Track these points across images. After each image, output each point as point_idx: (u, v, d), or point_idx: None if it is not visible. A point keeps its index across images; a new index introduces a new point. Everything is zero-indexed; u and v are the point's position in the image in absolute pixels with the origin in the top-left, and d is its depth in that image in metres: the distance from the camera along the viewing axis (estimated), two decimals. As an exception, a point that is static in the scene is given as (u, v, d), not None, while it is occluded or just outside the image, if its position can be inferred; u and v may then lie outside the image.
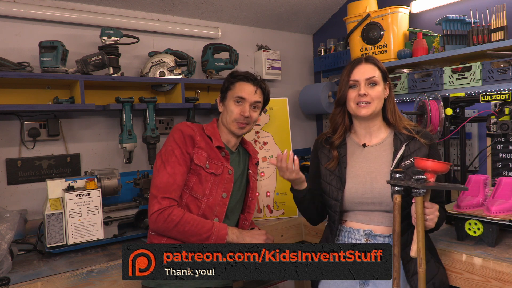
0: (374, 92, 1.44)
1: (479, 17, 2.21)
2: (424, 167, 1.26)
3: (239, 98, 1.59)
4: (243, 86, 1.60)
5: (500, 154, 1.91)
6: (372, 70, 1.46)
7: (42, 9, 2.11)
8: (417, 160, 1.29)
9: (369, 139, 1.52)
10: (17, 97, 2.03)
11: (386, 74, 1.50)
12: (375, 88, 1.45)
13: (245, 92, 1.59)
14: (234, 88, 1.61)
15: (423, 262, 1.23)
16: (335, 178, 1.48)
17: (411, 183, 1.22)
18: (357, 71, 1.46)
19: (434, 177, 1.27)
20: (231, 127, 1.60)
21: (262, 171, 2.28)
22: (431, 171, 1.26)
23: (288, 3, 2.83)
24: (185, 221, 1.43)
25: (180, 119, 2.63)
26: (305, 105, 3.13)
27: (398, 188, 1.26)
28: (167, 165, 1.49)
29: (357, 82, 1.46)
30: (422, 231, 1.23)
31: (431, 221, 1.29)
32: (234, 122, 1.59)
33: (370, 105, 1.44)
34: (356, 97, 1.45)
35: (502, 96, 1.69)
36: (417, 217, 1.24)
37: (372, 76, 1.45)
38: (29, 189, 2.11)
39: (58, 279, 1.50)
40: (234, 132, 1.61)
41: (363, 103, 1.44)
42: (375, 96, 1.44)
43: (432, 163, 1.26)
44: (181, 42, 2.63)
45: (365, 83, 1.45)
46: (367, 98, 1.43)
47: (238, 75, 1.62)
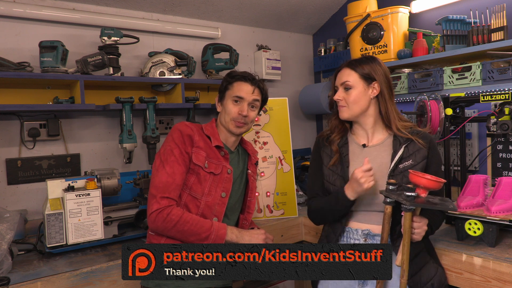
0: (349, 96, 1.48)
1: (479, 17, 2.21)
2: (417, 183, 1.28)
3: (237, 97, 1.59)
4: (241, 85, 1.60)
5: (500, 154, 1.91)
6: (347, 74, 1.49)
7: (42, 9, 2.11)
8: (411, 174, 1.30)
9: (369, 140, 1.52)
10: (17, 97, 2.03)
11: (371, 75, 1.47)
12: (349, 92, 1.48)
13: (243, 91, 1.59)
14: (232, 88, 1.61)
15: (406, 274, 1.27)
16: (339, 178, 1.49)
17: (401, 199, 1.24)
18: (338, 76, 1.54)
19: (426, 192, 1.29)
20: (229, 126, 1.60)
21: (262, 171, 2.28)
22: (423, 187, 1.27)
23: (288, 3, 2.83)
24: (184, 220, 1.43)
25: (180, 119, 2.63)
26: (305, 105, 3.13)
27: (389, 200, 1.29)
28: (166, 165, 1.49)
29: (336, 87, 1.53)
30: (407, 245, 1.27)
31: (418, 235, 1.33)
32: (232, 121, 1.59)
33: (346, 109, 1.49)
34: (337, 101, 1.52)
35: (502, 96, 1.69)
36: (404, 231, 1.27)
37: (345, 81, 1.49)
38: (29, 189, 2.11)
39: (58, 279, 1.50)
40: (232, 131, 1.61)
41: (342, 108, 1.50)
42: (350, 100, 1.47)
43: (425, 180, 1.26)
44: (181, 42, 2.63)
45: (342, 87, 1.51)
46: (341, 103, 1.50)
47: (236, 75, 1.63)
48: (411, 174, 1.30)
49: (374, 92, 1.48)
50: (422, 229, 1.33)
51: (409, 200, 1.22)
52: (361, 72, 1.48)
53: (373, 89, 1.48)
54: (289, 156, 2.32)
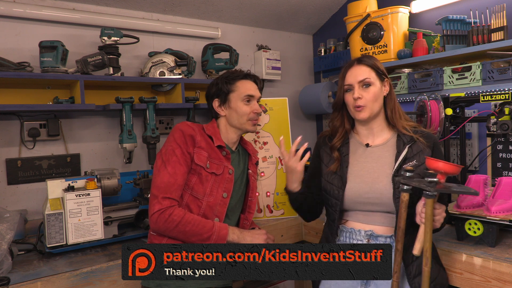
0: (369, 94, 1.43)
1: (479, 17, 2.21)
2: (436, 168, 1.24)
3: (248, 97, 1.60)
4: (246, 84, 1.62)
5: (500, 154, 1.91)
6: (364, 71, 1.44)
7: (42, 9, 2.11)
8: (428, 160, 1.27)
9: (372, 139, 1.51)
10: (17, 97, 2.03)
11: (383, 72, 1.47)
12: (369, 89, 1.43)
13: (252, 89, 1.62)
14: (237, 89, 1.61)
15: (429, 261, 1.22)
16: (337, 177, 1.48)
17: (423, 185, 1.20)
18: (349, 74, 1.46)
19: (445, 178, 1.26)
20: (247, 126, 1.62)
21: (262, 171, 2.28)
22: (442, 172, 1.24)
23: (288, 3, 2.83)
24: (186, 221, 1.43)
25: (180, 119, 2.63)
26: (305, 105, 3.13)
27: (407, 187, 1.26)
28: (167, 165, 1.49)
29: (351, 85, 1.46)
30: (430, 232, 1.23)
31: (437, 222, 1.29)
32: (249, 121, 1.61)
33: (365, 108, 1.43)
34: (353, 101, 1.45)
35: (502, 96, 1.69)
36: (426, 218, 1.22)
37: (365, 78, 1.43)
38: (29, 189, 2.11)
39: (58, 279, 1.50)
40: (250, 130, 1.64)
41: (359, 107, 1.43)
42: (370, 98, 1.42)
43: (443, 164, 1.23)
44: (181, 42, 2.63)
45: (359, 85, 1.44)
46: (361, 102, 1.42)
47: (236, 75, 1.63)
48: (428, 160, 1.27)
49: (387, 89, 1.47)
50: (442, 215, 1.29)
51: (432, 186, 1.20)
52: (376, 68, 1.45)
53: (385, 87, 1.47)
54: (289, 156, 2.31)
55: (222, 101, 1.64)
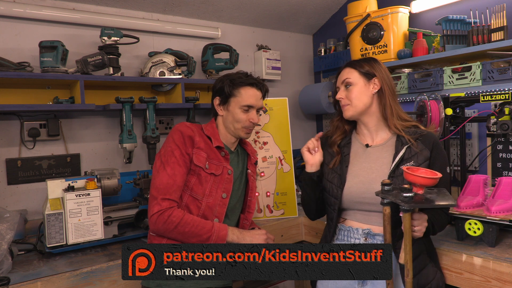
0: (350, 93, 1.49)
1: (479, 17, 2.21)
2: (412, 181, 1.26)
3: (247, 106, 1.58)
4: (250, 91, 1.59)
5: (500, 154, 1.91)
6: (347, 73, 1.51)
7: (42, 9, 2.11)
8: (405, 173, 1.28)
9: (372, 139, 1.52)
10: (17, 97, 2.03)
11: (368, 72, 1.48)
12: (350, 89, 1.49)
13: (253, 98, 1.59)
14: (239, 95, 1.58)
15: (410, 272, 1.25)
16: (336, 176, 1.49)
17: (398, 201, 1.22)
18: (339, 77, 1.56)
19: (423, 189, 1.27)
20: (240, 133, 1.61)
21: (262, 171, 2.28)
22: (417, 185, 1.26)
23: (288, 3, 2.83)
24: (185, 222, 1.43)
25: (180, 119, 2.63)
26: (305, 105, 3.13)
27: (386, 201, 1.27)
28: (166, 166, 1.49)
29: (338, 87, 1.55)
30: (409, 245, 1.25)
31: (418, 232, 1.31)
32: (243, 129, 1.60)
33: (348, 107, 1.50)
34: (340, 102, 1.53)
35: (502, 96, 1.69)
36: (405, 231, 1.25)
37: (345, 78, 1.50)
38: (29, 189, 2.11)
39: (58, 279, 1.50)
40: (243, 137, 1.64)
41: (345, 107, 1.51)
42: (352, 96, 1.48)
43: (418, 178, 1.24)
44: (181, 42, 2.63)
45: (343, 86, 1.52)
46: (343, 101, 1.51)
47: (242, 81, 1.59)
48: (405, 173, 1.28)
49: (375, 87, 1.48)
50: (423, 225, 1.31)
51: (407, 201, 1.21)
52: (360, 69, 1.50)
53: (373, 84, 1.48)
54: (289, 156, 2.32)
55: (222, 101, 1.63)
